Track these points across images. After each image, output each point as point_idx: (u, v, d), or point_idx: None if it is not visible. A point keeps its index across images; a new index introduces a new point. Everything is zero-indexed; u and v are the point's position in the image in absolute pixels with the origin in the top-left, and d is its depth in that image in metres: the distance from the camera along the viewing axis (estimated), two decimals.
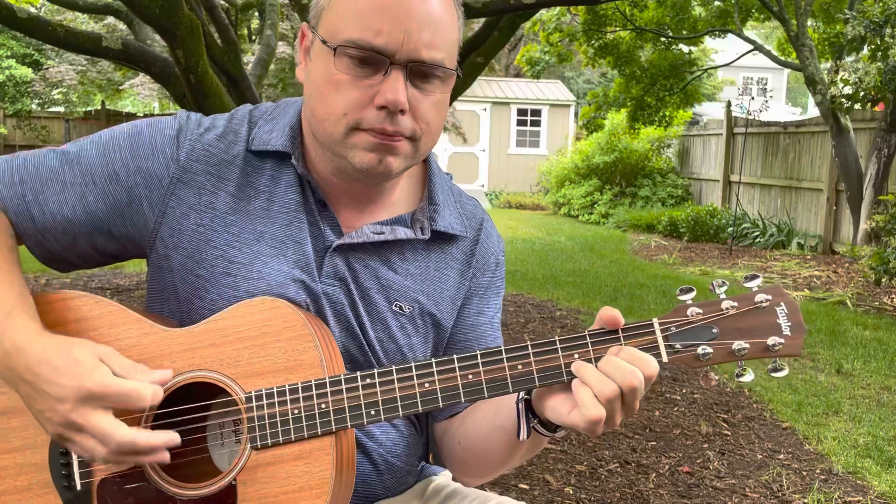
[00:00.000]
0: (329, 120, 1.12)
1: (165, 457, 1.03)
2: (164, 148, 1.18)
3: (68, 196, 1.17)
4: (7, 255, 1.13)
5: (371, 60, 1.08)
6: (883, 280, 7.66)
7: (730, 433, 4.01)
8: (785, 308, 1.05)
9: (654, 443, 3.83)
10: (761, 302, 1.04)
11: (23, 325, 1.05)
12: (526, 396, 1.10)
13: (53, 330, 1.08)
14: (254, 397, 1.07)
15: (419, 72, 1.11)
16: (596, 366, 1.02)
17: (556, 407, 1.04)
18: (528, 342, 1.05)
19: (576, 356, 1.03)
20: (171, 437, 1.03)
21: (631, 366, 1.00)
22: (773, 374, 1.05)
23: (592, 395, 1.00)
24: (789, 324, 1.04)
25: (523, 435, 1.09)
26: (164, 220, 1.17)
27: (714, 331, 1.04)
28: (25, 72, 18.87)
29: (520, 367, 1.04)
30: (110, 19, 13.50)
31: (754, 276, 1.06)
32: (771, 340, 1.03)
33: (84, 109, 20.90)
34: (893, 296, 7.65)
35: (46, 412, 1.01)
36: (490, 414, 1.20)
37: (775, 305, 1.04)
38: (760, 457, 3.71)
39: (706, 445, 3.83)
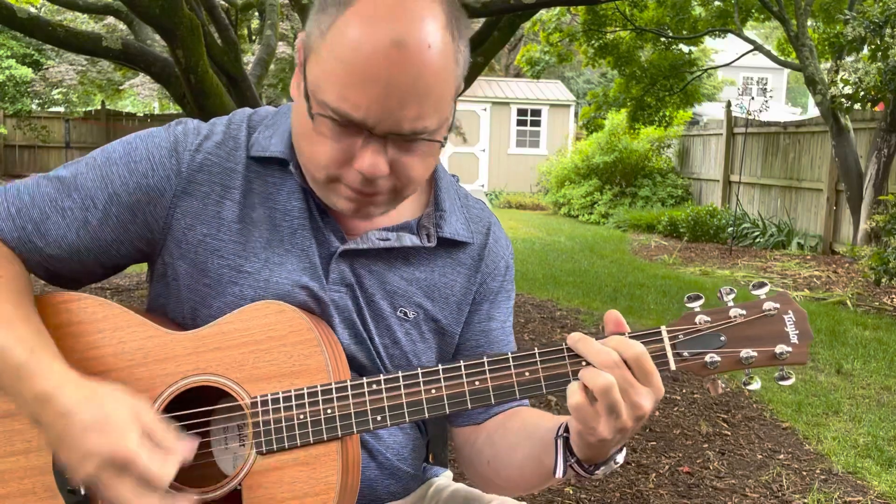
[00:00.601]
0: (310, 164, 1.09)
1: None
2: (162, 161, 1.15)
3: (70, 223, 1.14)
4: (17, 286, 1.11)
5: (349, 127, 1.03)
6: (883, 280, 7.66)
7: (730, 433, 4.02)
8: (793, 316, 1.05)
9: (654, 443, 3.83)
10: (769, 310, 1.04)
11: (48, 366, 1.01)
12: (565, 434, 1.08)
13: (58, 333, 1.07)
14: (259, 402, 1.07)
15: (401, 141, 1.05)
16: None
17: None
18: (536, 349, 1.05)
19: (584, 363, 1.02)
20: (190, 500, 1.02)
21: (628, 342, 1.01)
22: (781, 383, 1.05)
23: (602, 405, 0.99)
24: (797, 332, 1.04)
25: (559, 473, 1.08)
26: (169, 232, 1.16)
27: (722, 339, 1.04)
28: (25, 72, 18.87)
29: (527, 373, 1.04)
30: (110, 19, 13.49)
31: (762, 284, 1.06)
32: (779, 349, 1.03)
33: (84, 109, 20.89)
34: (893, 296, 7.65)
35: (72, 462, 0.99)
36: (525, 444, 1.18)
37: (783, 314, 1.05)
38: (760, 457, 3.72)
39: (706, 445, 3.83)
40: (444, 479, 1.38)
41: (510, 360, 1.04)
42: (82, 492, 1.08)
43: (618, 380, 0.98)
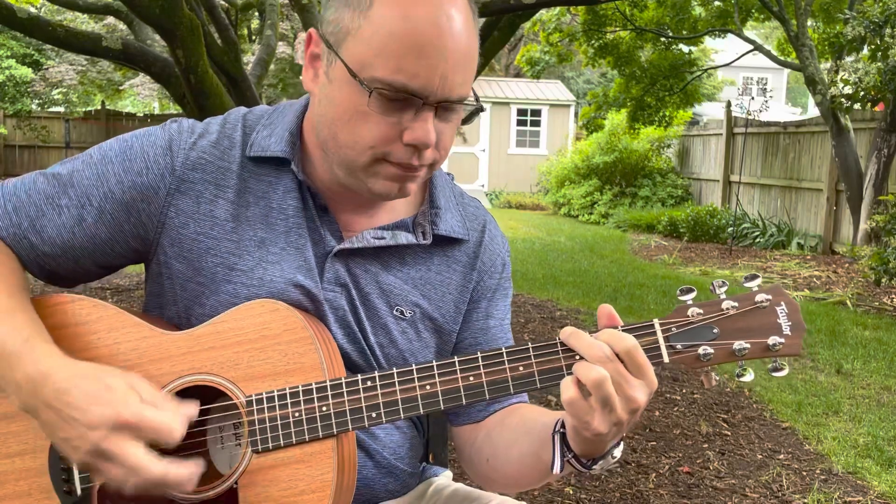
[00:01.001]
0: (354, 149, 1.09)
1: (190, 488, 1.02)
2: (157, 159, 1.15)
3: (66, 220, 1.15)
4: (13, 280, 1.11)
5: (403, 100, 1.06)
6: (883, 280, 7.66)
7: (730, 433, 4.01)
8: (785, 308, 1.05)
9: (654, 443, 3.83)
10: (761, 302, 1.04)
11: (43, 350, 1.02)
12: (562, 430, 1.08)
13: (54, 334, 1.07)
14: (254, 401, 1.06)
15: (447, 107, 1.09)
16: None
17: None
18: (529, 343, 1.05)
19: (577, 357, 1.02)
20: (199, 468, 1.01)
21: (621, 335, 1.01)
22: (774, 374, 1.05)
23: (597, 400, 0.99)
24: (789, 323, 1.04)
25: (557, 469, 1.08)
26: (163, 230, 1.16)
27: (715, 331, 1.04)
28: (25, 72, 18.88)
29: (521, 368, 1.04)
30: (110, 19, 13.50)
31: (754, 276, 1.06)
32: (771, 340, 1.03)
33: (84, 109, 20.91)
34: (893, 296, 7.65)
35: (74, 440, 0.98)
36: (523, 440, 1.18)
37: (775, 305, 1.05)
38: (760, 457, 3.72)
39: (706, 445, 3.83)
40: (443, 478, 1.38)
41: (504, 355, 1.04)
42: (79, 492, 1.08)
43: (611, 373, 0.98)
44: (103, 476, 1.00)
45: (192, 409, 1.03)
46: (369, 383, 1.06)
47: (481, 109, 1.15)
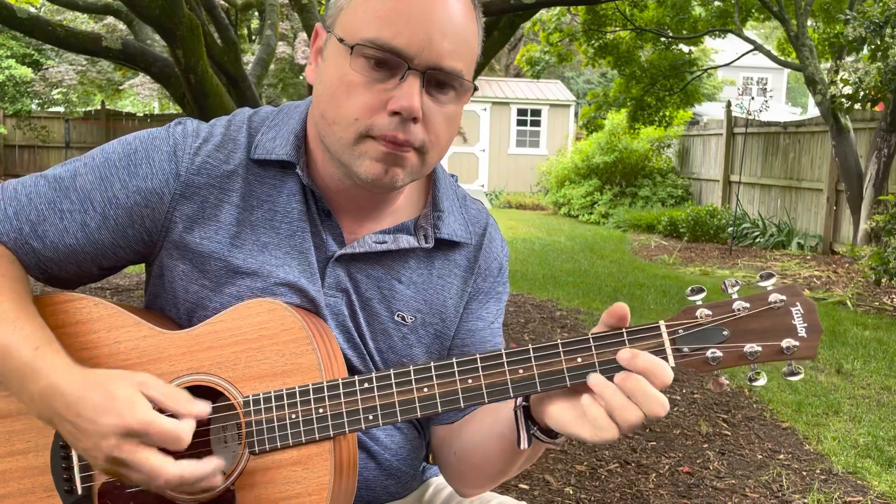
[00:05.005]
0: (339, 123, 1.08)
1: (216, 482, 1.02)
2: (161, 164, 1.14)
3: (68, 225, 1.13)
4: (18, 287, 1.10)
5: (388, 63, 1.05)
6: (883, 280, 7.66)
7: (730, 433, 4.01)
8: (801, 308, 0.98)
9: (654, 443, 3.83)
10: (775, 302, 0.98)
11: (53, 360, 1.02)
12: (524, 403, 1.06)
13: (54, 333, 1.07)
14: (251, 402, 1.06)
15: (436, 80, 1.07)
16: (613, 380, 0.97)
17: (559, 414, 1.00)
18: (530, 346, 1.02)
19: (579, 360, 0.99)
20: (218, 463, 1.01)
21: (656, 392, 0.95)
22: (789, 378, 0.99)
23: (606, 416, 0.96)
24: (805, 325, 0.98)
25: (524, 443, 1.05)
26: (167, 234, 1.15)
27: (724, 333, 0.98)
28: (25, 72, 18.87)
29: (521, 371, 1.01)
30: (110, 19, 13.50)
31: (769, 275, 1.00)
32: (785, 343, 0.97)
33: (84, 109, 20.89)
34: (893, 296, 7.64)
35: (91, 450, 0.99)
36: (487, 423, 1.16)
37: (790, 306, 0.98)
38: (760, 457, 3.71)
39: (706, 445, 3.83)
40: (442, 478, 1.37)
41: (503, 357, 1.02)
42: (80, 491, 1.08)
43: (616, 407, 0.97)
44: (130, 481, 1.01)
45: (204, 406, 1.03)
46: (366, 385, 1.04)
47: (476, 89, 1.14)
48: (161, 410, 1.00)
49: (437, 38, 1.05)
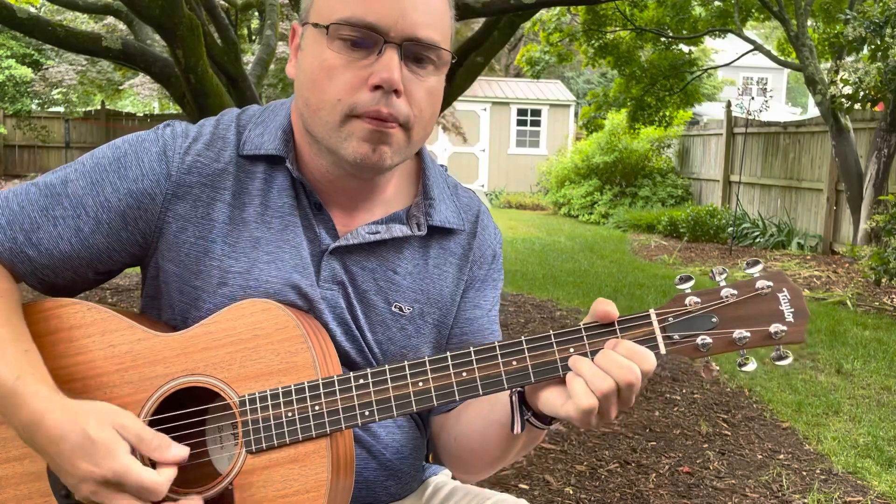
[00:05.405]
0: (323, 108, 1.10)
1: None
2: (152, 165, 1.14)
3: (62, 231, 1.13)
4: (6, 304, 1.09)
5: (365, 40, 1.07)
6: (883, 280, 7.66)
7: (730, 433, 4.01)
8: (787, 294, 1.01)
9: (654, 443, 3.83)
10: (762, 289, 1.01)
11: (34, 391, 1.02)
12: (519, 390, 1.08)
13: (48, 338, 1.07)
14: (247, 401, 1.06)
15: (413, 53, 1.09)
16: (592, 360, 1.00)
17: (550, 399, 1.03)
18: (523, 338, 1.03)
19: (571, 350, 1.01)
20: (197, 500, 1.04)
21: (628, 361, 0.98)
22: (778, 363, 1.01)
23: (585, 386, 0.98)
24: (792, 310, 1.01)
25: (517, 428, 1.08)
26: (161, 236, 1.16)
27: (714, 320, 1.01)
28: (25, 72, 18.86)
29: (514, 363, 1.02)
30: (110, 19, 13.49)
31: (755, 262, 1.03)
32: (773, 328, 1.00)
33: (84, 109, 20.88)
34: (893, 296, 7.64)
35: (73, 487, 1.02)
36: (485, 409, 1.18)
37: (777, 292, 1.01)
38: (760, 457, 3.71)
39: (706, 445, 3.83)
40: (442, 476, 1.38)
41: (497, 349, 1.03)
42: (76, 496, 1.08)
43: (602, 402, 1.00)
44: None
45: (181, 451, 1.04)
46: (361, 381, 1.05)
47: (454, 58, 1.16)
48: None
49: (410, 10, 1.07)
